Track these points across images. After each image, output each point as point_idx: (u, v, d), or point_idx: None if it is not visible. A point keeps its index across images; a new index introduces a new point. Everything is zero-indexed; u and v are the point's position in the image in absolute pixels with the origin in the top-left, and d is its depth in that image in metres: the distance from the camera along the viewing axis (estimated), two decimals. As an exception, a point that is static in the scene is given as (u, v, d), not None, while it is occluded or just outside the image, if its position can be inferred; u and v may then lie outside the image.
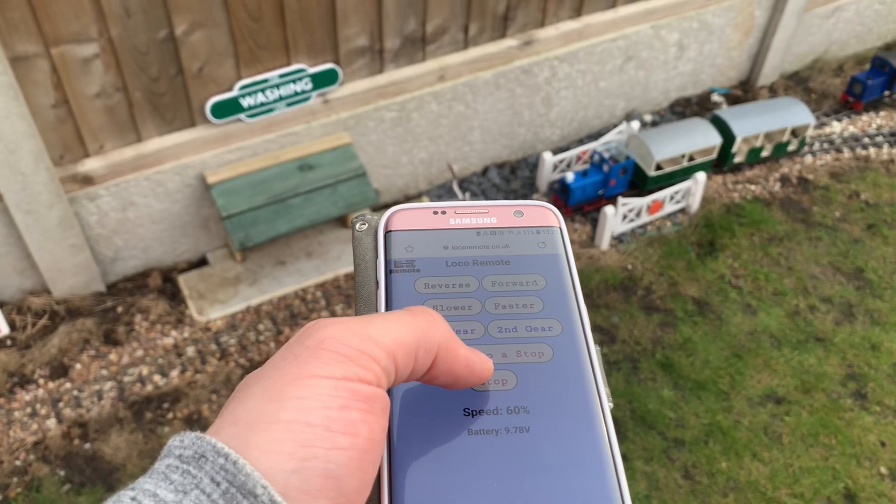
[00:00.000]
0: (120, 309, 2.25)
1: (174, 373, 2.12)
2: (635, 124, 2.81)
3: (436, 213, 0.41)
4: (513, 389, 0.35)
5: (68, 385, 2.08)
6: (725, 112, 2.80)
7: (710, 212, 2.67)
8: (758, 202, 2.75)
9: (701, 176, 2.58)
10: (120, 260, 2.31)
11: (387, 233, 0.41)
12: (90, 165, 2.11)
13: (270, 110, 2.25)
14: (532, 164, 2.83)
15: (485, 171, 2.80)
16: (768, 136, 2.80)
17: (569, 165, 2.76)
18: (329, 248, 2.45)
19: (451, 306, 0.37)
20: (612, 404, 0.35)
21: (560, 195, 2.61)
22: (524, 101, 2.70)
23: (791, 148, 2.87)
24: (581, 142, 2.95)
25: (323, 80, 2.29)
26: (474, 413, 0.34)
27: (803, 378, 2.19)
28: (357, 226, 0.42)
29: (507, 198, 2.72)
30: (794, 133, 2.84)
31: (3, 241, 2.11)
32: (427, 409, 0.34)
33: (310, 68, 2.25)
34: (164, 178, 2.20)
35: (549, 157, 2.67)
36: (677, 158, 2.64)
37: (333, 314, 2.29)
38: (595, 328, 2.29)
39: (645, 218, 2.58)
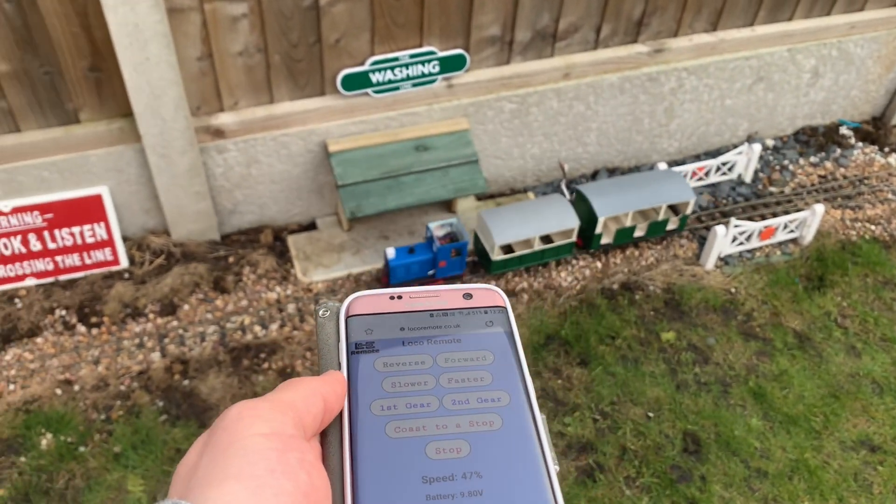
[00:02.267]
0: (231, 259, 2.36)
1: (274, 326, 2.21)
2: (756, 147, 2.74)
3: (392, 297, 0.45)
4: (466, 457, 0.38)
5: (175, 323, 2.20)
6: (590, 188, 2.39)
7: (823, 246, 2.58)
8: (876, 243, 2.63)
9: (819, 207, 2.50)
10: (237, 213, 2.42)
11: (348, 317, 0.44)
12: (223, 120, 2.21)
13: (396, 88, 2.31)
14: (644, 173, 2.80)
15: (595, 175, 2.79)
16: (642, 214, 2.43)
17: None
18: (433, 230, 2.50)
19: (408, 382, 0.41)
20: (557, 467, 0.39)
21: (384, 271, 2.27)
22: (646, 109, 2.67)
23: (671, 227, 2.48)
24: (698, 157, 2.89)
25: (450, 65, 2.33)
26: (432, 480, 0.37)
27: (903, 430, 2.09)
28: (320, 312, 0.45)
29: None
30: (673, 210, 2.47)
31: (136, 180, 2.25)
32: (387, 478, 0.37)
33: (440, 52, 2.29)
34: (289, 140, 2.29)
35: (663, 169, 2.63)
36: (531, 240, 2.30)
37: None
38: (689, 347, 2.25)
39: (755, 243, 2.51)
